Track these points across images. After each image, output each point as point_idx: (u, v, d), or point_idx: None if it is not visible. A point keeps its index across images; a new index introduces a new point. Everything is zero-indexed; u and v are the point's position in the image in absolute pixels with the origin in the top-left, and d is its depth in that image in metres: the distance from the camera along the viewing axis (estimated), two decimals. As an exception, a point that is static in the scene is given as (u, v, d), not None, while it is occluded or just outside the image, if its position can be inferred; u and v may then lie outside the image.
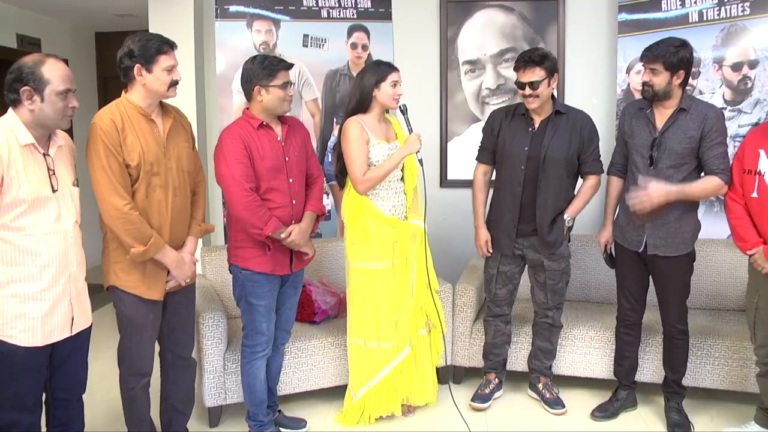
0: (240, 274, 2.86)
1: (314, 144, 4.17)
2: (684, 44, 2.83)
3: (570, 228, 3.18)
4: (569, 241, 3.27)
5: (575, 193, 3.21)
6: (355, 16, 4.15)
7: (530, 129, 3.15)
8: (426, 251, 3.17)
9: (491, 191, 3.37)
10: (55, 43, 5.60)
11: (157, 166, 2.50)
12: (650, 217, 2.88)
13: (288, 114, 2.92)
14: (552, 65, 3.04)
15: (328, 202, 4.30)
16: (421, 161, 3.03)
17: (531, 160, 3.11)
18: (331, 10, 4.11)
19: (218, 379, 3.18)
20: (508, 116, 3.23)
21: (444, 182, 4.36)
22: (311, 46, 4.11)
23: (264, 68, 2.72)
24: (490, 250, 3.31)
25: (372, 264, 3.05)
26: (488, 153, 3.30)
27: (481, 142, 3.35)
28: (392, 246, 3.06)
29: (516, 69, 3.07)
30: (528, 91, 3.03)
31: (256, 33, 4.04)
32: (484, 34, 4.23)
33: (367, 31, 4.18)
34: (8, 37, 5.10)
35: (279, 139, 2.83)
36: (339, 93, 4.17)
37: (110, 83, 6.25)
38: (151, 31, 4.40)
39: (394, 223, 3.06)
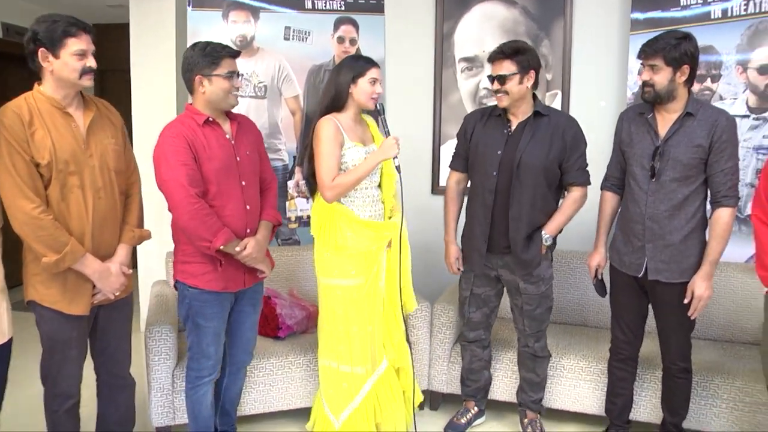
0: (187, 292, 2.56)
1: (295, 145, 3.89)
2: (686, 36, 2.49)
3: (550, 247, 2.82)
4: (552, 261, 2.91)
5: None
6: (342, 8, 3.85)
7: (506, 131, 2.81)
8: (403, 262, 2.80)
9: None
10: (46, 34, 5.41)
11: (75, 164, 2.24)
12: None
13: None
14: (527, 60, 2.70)
15: (309, 206, 4.01)
16: (398, 168, 2.70)
17: (504, 165, 2.77)
18: (316, 1, 3.82)
19: (166, 397, 2.93)
20: (484, 118, 2.90)
21: (436, 189, 4.03)
22: (293, 39, 3.83)
23: (206, 55, 2.43)
24: (461, 268, 2.98)
25: (346, 281, 2.71)
26: (462, 159, 2.98)
27: (455, 147, 3.02)
28: (367, 256, 2.72)
29: (489, 62, 2.76)
30: (496, 85, 2.71)
31: (232, 24, 3.76)
32: (482, 29, 3.89)
33: (356, 24, 3.88)
34: (-7, 27, 4.93)
35: (228, 136, 2.54)
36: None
37: (107, 76, 6.05)
38: (132, 23, 4.20)
39: (374, 227, 2.72)
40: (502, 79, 2.70)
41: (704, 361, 2.99)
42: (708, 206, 2.59)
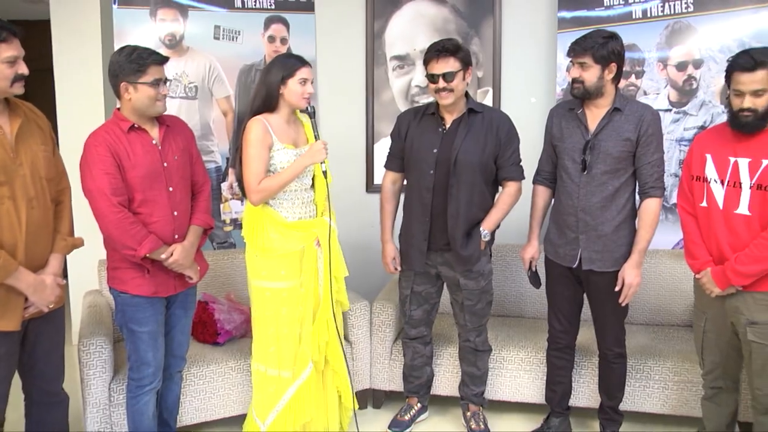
0: (119, 298, 2.53)
1: (227, 146, 3.81)
2: (613, 36, 2.58)
3: (488, 242, 2.87)
4: (491, 256, 2.96)
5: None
6: (273, 7, 3.80)
7: (441, 129, 2.84)
8: (337, 264, 2.77)
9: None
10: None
11: (4, 174, 2.12)
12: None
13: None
14: (467, 56, 2.74)
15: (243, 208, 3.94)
16: (325, 173, 2.68)
17: (441, 163, 2.79)
18: (245, 0, 3.75)
19: (103, 412, 2.81)
20: (417, 117, 2.91)
21: (371, 187, 4.04)
22: (223, 38, 3.75)
23: (131, 62, 2.36)
24: (398, 267, 3.00)
25: (276, 283, 2.67)
26: (397, 159, 2.98)
27: (390, 148, 3.03)
28: (300, 257, 2.69)
29: (426, 61, 2.76)
30: (441, 84, 2.71)
31: (160, 23, 3.65)
32: (413, 27, 3.92)
33: (286, 23, 3.83)
34: None
35: (154, 142, 2.48)
36: (255, 90, 3.82)
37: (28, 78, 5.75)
38: (53, 21, 4.00)
39: (300, 227, 2.69)
40: (449, 77, 2.70)
41: (637, 345, 3.11)
42: (637, 197, 2.69)
